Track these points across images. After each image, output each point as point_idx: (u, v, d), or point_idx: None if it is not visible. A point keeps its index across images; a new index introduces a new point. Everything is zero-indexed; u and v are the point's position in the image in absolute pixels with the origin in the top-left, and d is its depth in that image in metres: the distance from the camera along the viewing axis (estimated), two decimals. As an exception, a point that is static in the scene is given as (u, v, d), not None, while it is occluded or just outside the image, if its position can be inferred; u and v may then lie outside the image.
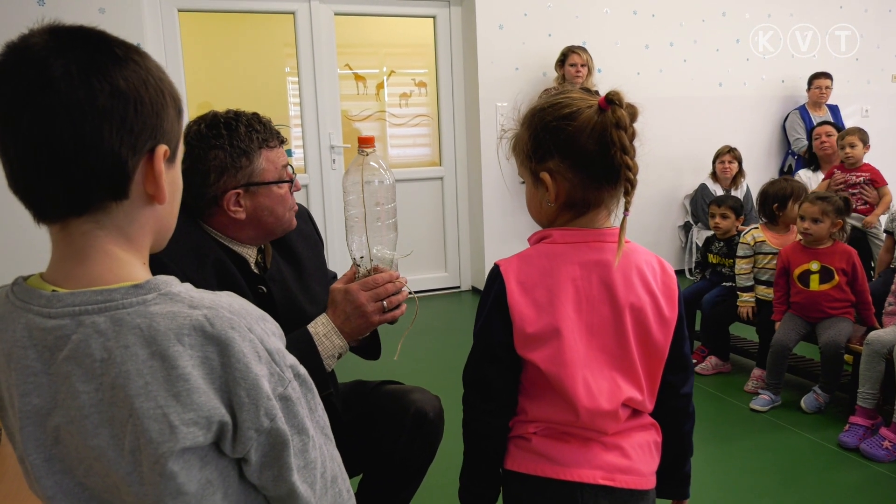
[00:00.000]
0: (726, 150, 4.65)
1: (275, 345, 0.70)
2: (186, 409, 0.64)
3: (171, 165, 0.72)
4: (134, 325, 0.64)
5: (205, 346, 0.65)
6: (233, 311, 0.68)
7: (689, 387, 1.13)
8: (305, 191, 4.46)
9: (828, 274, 2.76)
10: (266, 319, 0.73)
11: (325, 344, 1.28)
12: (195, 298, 0.68)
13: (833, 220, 2.75)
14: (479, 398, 1.07)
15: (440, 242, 4.89)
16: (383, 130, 4.79)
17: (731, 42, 5.21)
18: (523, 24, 4.60)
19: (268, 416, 0.68)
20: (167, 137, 0.70)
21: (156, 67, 0.69)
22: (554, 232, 1.04)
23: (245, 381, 0.66)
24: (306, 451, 0.73)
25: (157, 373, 0.64)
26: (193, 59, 4.21)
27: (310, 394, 0.75)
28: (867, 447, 2.31)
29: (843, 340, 2.64)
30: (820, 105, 5.08)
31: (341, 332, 1.29)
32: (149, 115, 0.67)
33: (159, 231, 0.75)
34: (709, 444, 2.51)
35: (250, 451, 0.69)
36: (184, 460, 0.65)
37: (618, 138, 0.96)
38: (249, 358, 0.66)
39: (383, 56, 4.76)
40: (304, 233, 1.55)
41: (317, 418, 0.76)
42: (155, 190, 0.69)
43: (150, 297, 0.66)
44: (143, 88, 0.66)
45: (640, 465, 1.04)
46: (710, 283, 3.37)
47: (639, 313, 1.03)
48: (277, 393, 0.69)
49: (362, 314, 1.29)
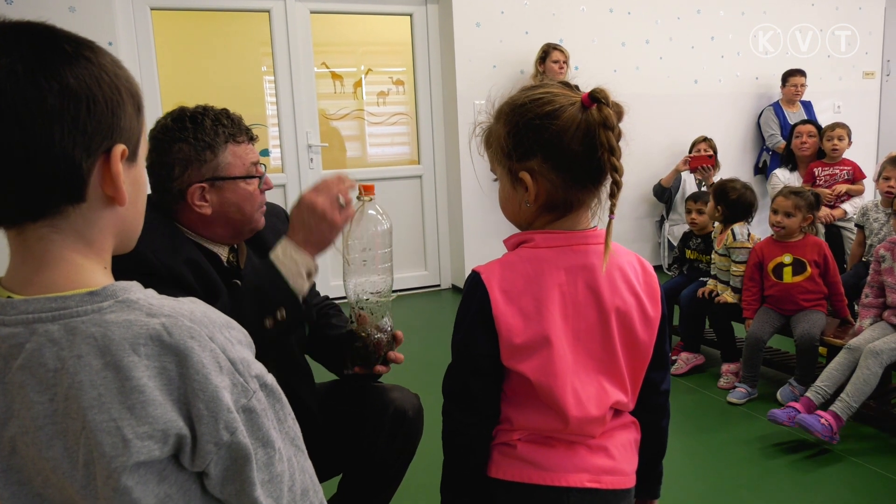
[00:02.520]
0: (702, 139, 4.74)
1: (239, 354, 0.67)
2: (141, 422, 0.61)
3: (131, 164, 0.69)
4: (88, 335, 0.62)
5: (162, 357, 0.62)
6: (193, 319, 0.65)
7: (667, 383, 1.12)
8: (283, 190, 4.43)
9: (800, 266, 2.81)
10: (231, 327, 0.70)
11: (287, 264, 1.20)
12: (154, 306, 0.65)
13: (804, 215, 2.80)
14: (461, 411, 1.02)
15: (419, 241, 4.88)
16: (361, 129, 4.77)
17: (706, 39, 5.26)
18: (500, 21, 4.61)
19: (228, 429, 0.64)
20: (125, 136, 0.66)
21: (111, 63, 0.66)
22: (536, 235, 1.00)
23: (204, 392, 0.63)
24: (272, 465, 0.69)
25: (111, 384, 0.61)
26: (168, 58, 4.15)
27: (278, 404, 0.72)
28: (807, 418, 2.32)
29: (817, 333, 2.68)
30: (794, 102, 5.15)
31: (308, 244, 1.23)
32: (103, 114, 0.64)
33: (122, 233, 0.72)
34: (687, 436, 2.54)
35: (210, 465, 0.65)
36: (139, 475, 0.62)
37: (606, 139, 0.91)
38: (209, 369, 0.64)
39: (360, 54, 4.74)
40: (281, 232, 1.53)
41: (286, 429, 0.73)
42: (114, 191, 0.66)
43: (107, 304, 0.64)
44: (97, 86, 0.63)
45: (623, 465, 1.04)
46: (687, 278, 3.40)
47: (624, 316, 1.01)
48: (241, 405, 0.66)
49: (321, 215, 1.21)
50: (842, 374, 2.42)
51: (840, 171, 4.09)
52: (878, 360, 2.31)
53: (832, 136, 4.06)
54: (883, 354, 2.32)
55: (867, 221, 3.40)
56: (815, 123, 4.48)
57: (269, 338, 1.16)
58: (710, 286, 3.12)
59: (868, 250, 3.35)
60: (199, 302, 0.70)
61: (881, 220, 3.31)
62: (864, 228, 3.41)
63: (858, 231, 3.48)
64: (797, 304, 2.81)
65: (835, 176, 4.09)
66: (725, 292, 3.04)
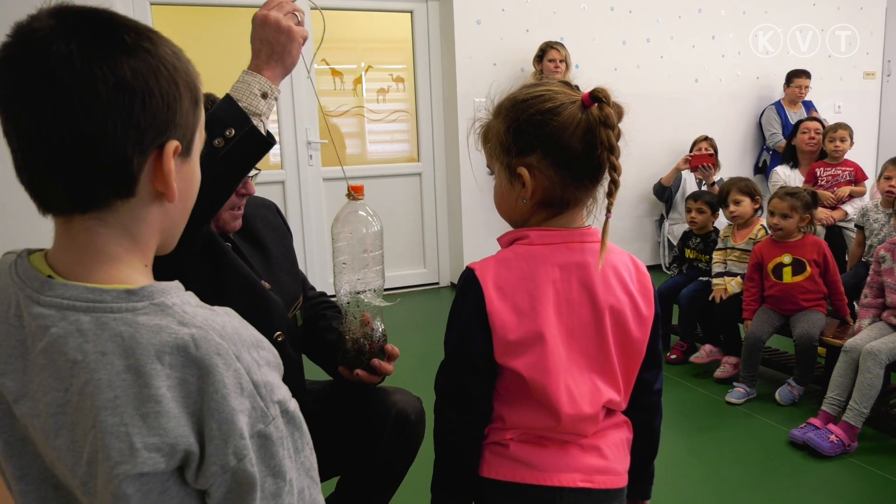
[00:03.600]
0: (703, 138, 4.72)
1: (264, 377, 0.65)
2: (152, 432, 0.59)
3: (185, 160, 0.68)
4: (116, 332, 0.60)
5: (185, 368, 0.61)
6: (224, 335, 0.63)
7: (660, 383, 1.12)
8: (282, 187, 4.42)
9: (800, 266, 2.80)
10: (261, 347, 0.67)
11: (238, 87, 1.15)
12: (188, 315, 0.63)
13: (801, 215, 2.80)
14: (455, 410, 1.02)
15: (419, 239, 4.87)
16: (361, 126, 4.76)
17: (707, 38, 5.25)
18: (501, 19, 4.60)
19: (236, 455, 0.62)
20: (180, 131, 0.65)
21: (171, 54, 0.65)
22: (531, 232, 1.00)
23: (219, 413, 0.61)
24: (279, 497, 0.66)
25: (130, 388, 0.59)
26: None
27: (297, 433, 0.69)
28: (814, 437, 2.33)
29: (816, 333, 2.68)
30: (796, 102, 5.14)
31: (270, 61, 1.17)
32: (158, 110, 0.62)
33: (168, 230, 0.71)
34: (685, 436, 2.53)
35: (213, 486, 0.63)
36: (141, 483, 0.61)
37: (606, 137, 0.92)
38: (230, 389, 0.62)
39: (360, 51, 4.72)
40: (273, 224, 1.53)
41: (302, 459, 0.70)
42: (165, 188, 0.65)
43: (142, 305, 0.62)
44: (153, 80, 0.62)
45: (616, 465, 1.04)
46: (686, 277, 3.39)
47: (618, 315, 1.01)
48: (257, 430, 0.64)
49: (275, 25, 1.15)
50: (846, 378, 2.41)
51: (842, 171, 4.08)
52: (877, 361, 2.31)
53: (834, 137, 4.05)
54: (881, 355, 2.31)
55: (867, 222, 3.39)
56: (821, 121, 4.46)
57: (219, 157, 1.11)
58: (720, 287, 3.10)
59: (868, 251, 3.34)
60: (234, 315, 0.68)
61: (881, 221, 3.31)
62: (864, 229, 3.41)
63: (858, 231, 3.48)
64: (797, 304, 2.80)
65: (836, 177, 4.08)
66: (732, 281, 3.04)
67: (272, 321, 1.36)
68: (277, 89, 1.18)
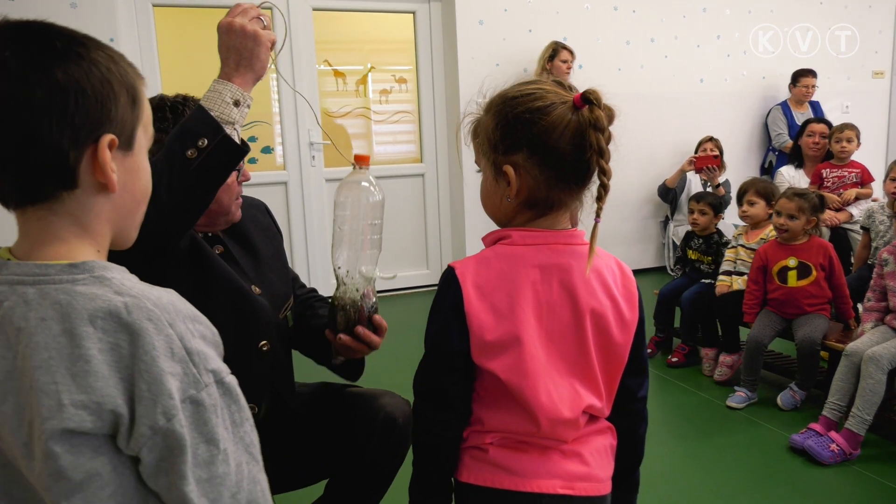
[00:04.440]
0: (707, 139, 4.70)
1: (198, 346, 0.69)
2: (80, 390, 0.63)
3: (126, 153, 0.73)
4: (56, 300, 0.66)
5: (117, 333, 0.65)
6: (158, 304, 0.67)
7: (645, 390, 1.10)
8: (284, 188, 4.42)
9: (805, 269, 2.76)
10: (198, 321, 0.71)
11: (210, 96, 1.15)
12: (124, 286, 0.68)
13: (808, 217, 2.76)
14: (433, 409, 1.01)
15: (422, 240, 4.86)
16: (368, 127, 4.74)
17: (712, 38, 5.21)
18: (504, 19, 4.58)
19: (165, 415, 0.65)
20: (116, 127, 0.70)
21: (105, 58, 0.70)
22: (513, 232, 0.99)
23: (148, 373, 0.65)
24: (213, 464, 0.68)
25: (63, 349, 0.64)
26: (170, 54, 4.15)
27: (235, 405, 0.72)
28: (814, 445, 2.29)
29: (818, 337, 2.64)
30: (803, 102, 5.09)
31: (240, 68, 1.16)
32: (92, 107, 0.67)
33: (119, 219, 0.75)
34: (685, 440, 2.51)
35: (143, 449, 0.66)
36: (70, 444, 0.64)
37: (595, 140, 0.91)
38: (159, 352, 0.65)
39: (363, 52, 4.72)
40: (262, 225, 1.52)
41: (241, 434, 0.72)
42: (104, 178, 0.70)
43: (81, 277, 0.68)
44: (86, 80, 0.67)
45: (598, 471, 1.02)
46: (689, 279, 3.36)
47: (600, 318, 0.99)
48: (189, 395, 0.67)
49: (240, 31, 1.15)
50: (848, 383, 2.37)
51: (848, 173, 4.03)
52: (879, 367, 2.27)
53: (841, 138, 4.00)
54: (883, 360, 2.27)
55: (873, 224, 3.35)
56: (828, 123, 4.40)
57: (193, 167, 1.11)
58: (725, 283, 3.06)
59: (873, 253, 3.30)
60: (174, 293, 0.72)
61: (887, 223, 3.26)
62: (870, 231, 3.37)
63: (864, 233, 3.43)
64: (800, 309, 2.76)
65: (843, 178, 4.03)
66: (739, 280, 3.01)
67: (258, 328, 1.35)
68: (250, 96, 1.18)
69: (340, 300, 1.32)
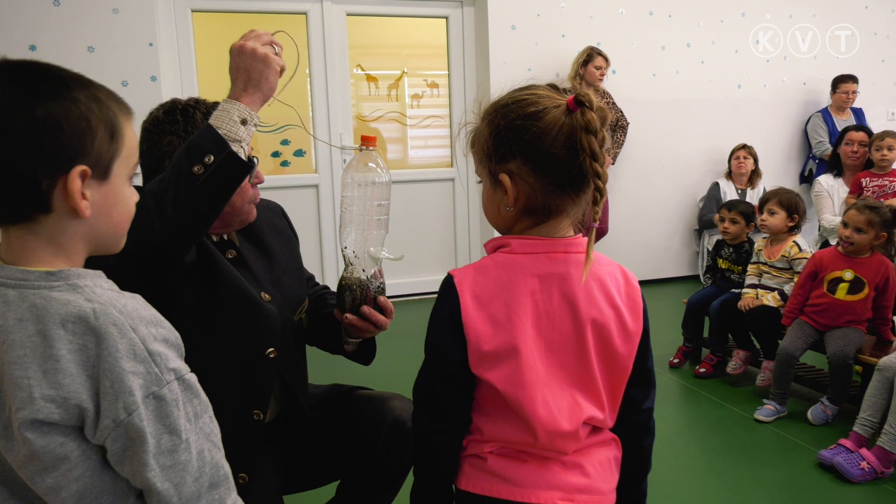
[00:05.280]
0: (741, 147, 4.61)
1: (158, 348, 0.77)
2: (49, 385, 0.72)
3: (101, 182, 0.79)
4: (33, 304, 0.74)
5: (85, 336, 0.73)
6: (123, 311, 0.75)
7: (650, 401, 1.08)
8: (315, 191, 4.47)
9: (859, 285, 2.65)
10: (160, 325, 0.79)
11: (218, 115, 1.17)
12: (95, 294, 0.76)
13: (878, 232, 2.63)
14: (429, 418, 1.00)
15: (451, 244, 4.86)
16: (403, 132, 4.77)
17: (751, 43, 5.11)
18: (536, 24, 4.57)
19: (126, 409, 0.73)
20: (92, 159, 0.77)
21: (86, 96, 0.76)
22: (512, 240, 0.98)
23: (111, 372, 0.73)
24: (176, 452, 0.77)
25: (37, 348, 0.72)
26: (207, 58, 4.24)
27: (196, 399, 0.81)
28: (843, 462, 2.21)
29: (851, 351, 2.56)
30: (844, 109, 4.95)
31: (248, 88, 1.19)
32: (68, 141, 0.74)
33: (96, 240, 0.82)
34: (708, 453, 2.45)
35: (108, 440, 0.74)
36: (41, 432, 0.72)
37: (587, 143, 0.89)
38: (122, 353, 0.73)
39: (396, 57, 4.75)
40: (278, 227, 1.54)
41: (201, 425, 0.81)
42: (75, 205, 0.76)
43: (57, 284, 0.76)
44: (63, 118, 0.74)
45: (599, 484, 1.00)
46: (719, 288, 3.30)
47: (601, 328, 0.97)
48: (152, 391, 0.75)
49: (251, 53, 1.18)
50: (881, 398, 2.29)
51: (890, 182, 3.90)
52: (912, 382, 2.19)
53: (881, 146, 3.87)
54: (917, 376, 2.20)
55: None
56: (868, 130, 4.26)
57: (200, 183, 1.13)
58: (750, 296, 3.00)
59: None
60: (139, 299, 0.81)
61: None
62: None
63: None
64: (836, 321, 2.68)
65: (883, 188, 3.89)
66: (768, 295, 2.95)
67: (265, 336, 1.35)
68: (257, 115, 1.20)
69: (347, 280, 1.33)
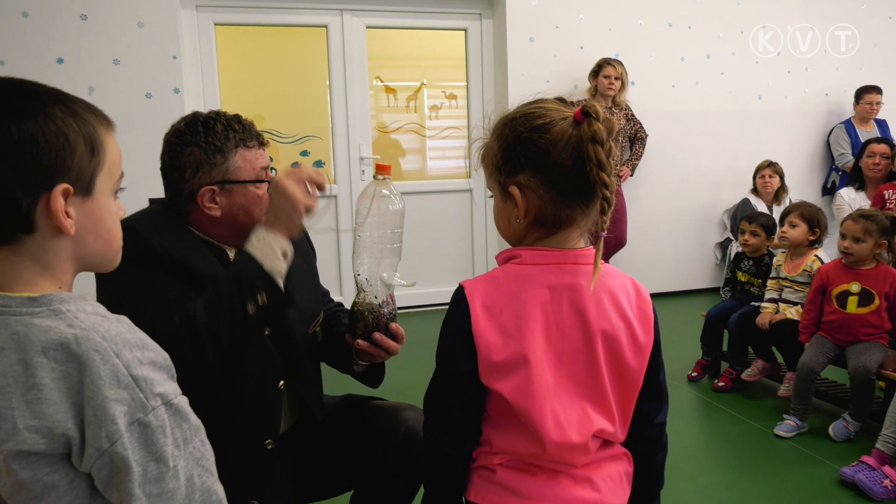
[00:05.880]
0: (766, 164, 4.49)
1: (143, 373, 0.74)
2: (33, 415, 0.69)
3: (85, 199, 0.77)
4: (14, 331, 0.72)
5: (68, 363, 0.70)
6: (106, 336, 0.73)
7: (663, 416, 1.07)
8: (335, 201, 4.51)
9: (868, 297, 2.62)
10: (146, 348, 0.76)
11: (261, 248, 1.22)
12: (77, 319, 0.73)
13: (877, 241, 2.61)
14: (439, 429, 1.01)
15: (468, 255, 4.87)
16: (422, 143, 4.79)
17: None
18: (555, 36, 4.58)
19: (109, 438, 0.71)
20: (72, 176, 0.75)
21: (63, 111, 0.74)
22: (523, 252, 0.99)
23: (94, 400, 0.70)
24: (163, 480, 0.74)
25: (19, 377, 0.70)
26: (230, 70, 4.31)
27: (185, 424, 0.77)
28: (865, 480, 2.17)
29: (874, 366, 2.51)
30: (868, 120, 4.89)
31: (275, 224, 1.24)
32: (46, 159, 0.72)
33: (85, 258, 0.79)
34: (726, 469, 2.42)
35: (93, 468, 0.72)
36: (27, 462, 0.70)
37: (594, 154, 0.91)
38: (104, 381, 0.71)
39: (415, 69, 4.78)
40: (295, 242, 1.56)
41: (191, 450, 0.78)
42: (57, 223, 0.74)
43: (39, 310, 0.73)
44: (40, 135, 0.72)
45: (610, 498, 0.99)
46: (738, 302, 3.26)
47: (612, 340, 0.97)
48: (136, 418, 0.72)
49: (283, 193, 1.23)
50: None
51: (912, 194, 3.84)
52: (936, 399, 2.15)
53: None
54: (940, 393, 2.15)
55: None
56: (891, 142, 4.20)
57: (254, 323, 1.19)
58: (769, 311, 2.97)
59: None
60: (125, 321, 0.78)
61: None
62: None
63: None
64: (855, 337, 2.64)
65: None
66: (791, 309, 2.91)
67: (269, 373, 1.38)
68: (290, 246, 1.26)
69: (360, 306, 1.35)
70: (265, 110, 4.38)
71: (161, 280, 1.24)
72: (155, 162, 1.37)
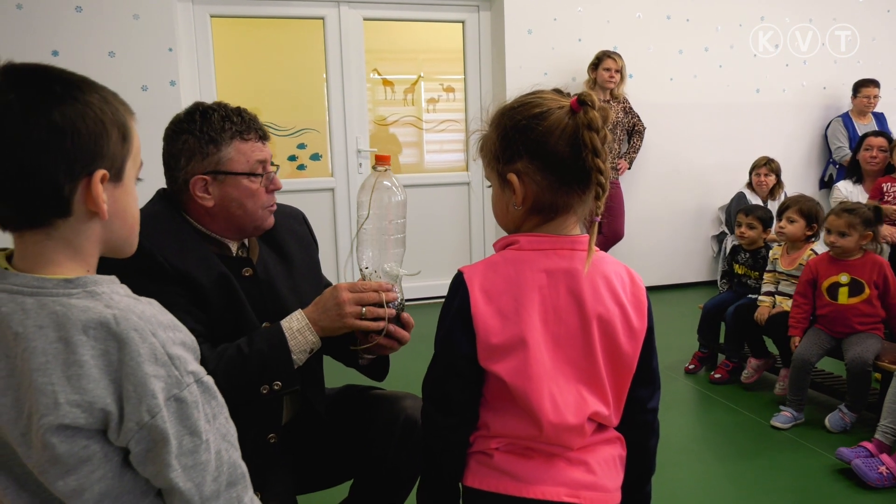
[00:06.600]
0: (763, 163, 4.27)
1: (178, 352, 0.78)
2: (74, 391, 0.72)
3: (116, 184, 0.80)
4: (52, 311, 0.74)
5: (107, 341, 0.73)
6: (142, 316, 0.76)
7: (655, 401, 1.09)
8: (331, 194, 4.50)
9: (858, 287, 2.64)
10: (176, 329, 0.80)
11: (298, 339, 1.28)
12: (114, 300, 0.77)
13: (861, 233, 2.63)
14: (439, 413, 1.03)
15: (466, 248, 4.87)
16: (419, 136, 4.78)
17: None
18: (553, 28, 4.57)
19: (149, 412, 0.74)
20: (108, 161, 0.77)
21: (99, 99, 0.77)
22: (521, 238, 1.01)
23: (134, 376, 0.73)
24: (197, 453, 0.78)
25: (59, 355, 0.72)
26: (226, 62, 4.29)
27: (213, 401, 0.82)
28: (861, 465, 2.18)
29: (870, 357, 2.52)
30: (865, 114, 4.89)
31: (314, 326, 1.29)
32: (86, 145, 0.75)
33: (111, 241, 0.82)
34: (725, 461, 2.43)
35: (131, 442, 0.75)
36: (65, 436, 0.73)
37: (589, 140, 0.94)
38: (144, 358, 0.74)
39: (413, 61, 4.77)
40: (298, 234, 1.56)
41: (217, 426, 0.82)
42: (95, 208, 0.77)
43: (76, 291, 0.76)
44: (80, 121, 0.74)
45: (605, 481, 1.01)
46: (735, 294, 3.27)
47: (607, 325, 0.99)
48: (172, 394, 0.76)
49: (339, 312, 1.28)
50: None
51: (910, 187, 3.85)
52: (933, 389, 2.16)
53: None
54: (937, 383, 2.16)
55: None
56: (888, 136, 4.20)
57: (258, 401, 1.25)
58: (766, 305, 2.98)
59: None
60: (156, 304, 0.81)
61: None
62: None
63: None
64: (851, 328, 2.65)
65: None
66: (787, 301, 2.92)
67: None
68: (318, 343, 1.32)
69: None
70: (262, 103, 4.37)
71: (164, 296, 1.22)
72: (150, 154, 1.36)
